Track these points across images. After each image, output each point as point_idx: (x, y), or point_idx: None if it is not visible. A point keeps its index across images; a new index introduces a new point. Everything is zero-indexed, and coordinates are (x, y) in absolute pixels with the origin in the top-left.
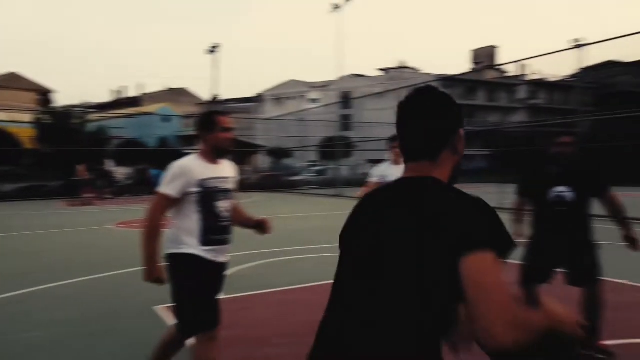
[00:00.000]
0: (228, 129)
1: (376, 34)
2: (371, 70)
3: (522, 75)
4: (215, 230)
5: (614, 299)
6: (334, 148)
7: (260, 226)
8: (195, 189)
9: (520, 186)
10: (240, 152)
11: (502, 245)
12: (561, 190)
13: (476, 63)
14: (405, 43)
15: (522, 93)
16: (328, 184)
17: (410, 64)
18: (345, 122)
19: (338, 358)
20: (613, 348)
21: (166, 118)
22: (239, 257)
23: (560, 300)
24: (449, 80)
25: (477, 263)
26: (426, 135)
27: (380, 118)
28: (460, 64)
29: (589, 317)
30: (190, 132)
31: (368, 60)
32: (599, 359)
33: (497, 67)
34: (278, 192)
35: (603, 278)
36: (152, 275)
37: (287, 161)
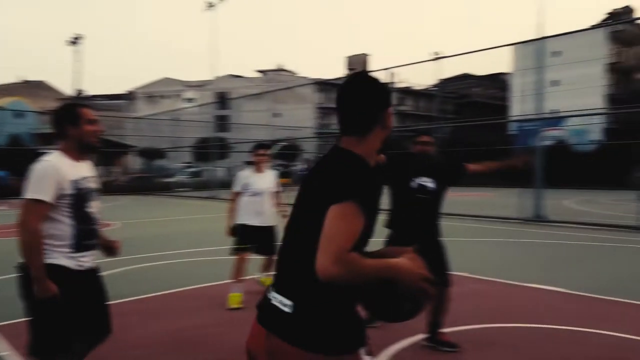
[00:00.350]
0: (93, 122)
1: (254, 35)
2: (249, 72)
3: (392, 83)
4: (87, 235)
5: (454, 290)
6: (209, 149)
7: (108, 248)
8: (67, 192)
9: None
10: (109, 152)
11: (358, 199)
12: (423, 180)
13: (350, 69)
14: (282, 46)
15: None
16: (203, 186)
17: (287, 67)
18: (222, 123)
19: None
20: (453, 335)
21: (19, 113)
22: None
23: None
24: (324, 84)
25: (332, 212)
26: (359, 115)
27: (257, 119)
28: (335, 70)
29: (435, 314)
30: (48, 129)
31: (245, 61)
32: (444, 351)
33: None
34: (149, 195)
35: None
36: (47, 292)
37: (159, 162)
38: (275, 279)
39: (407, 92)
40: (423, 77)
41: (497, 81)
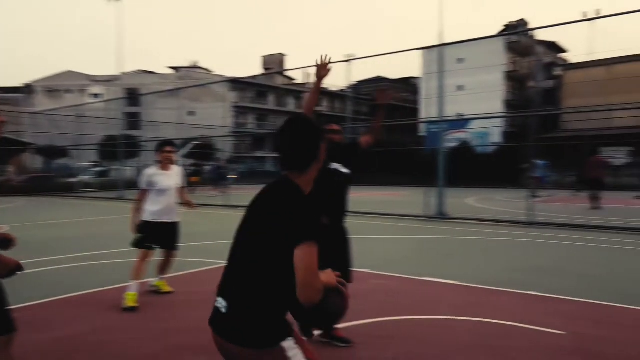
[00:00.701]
0: None
1: (166, 31)
2: (161, 68)
3: (308, 84)
4: None
5: (356, 287)
6: (117, 147)
7: (2, 242)
8: None
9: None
10: (2, 150)
11: (318, 237)
12: (335, 166)
13: (266, 68)
14: (196, 43)
15: None
16: (109, 187)
17: (202, 65)
18: (132, 120)
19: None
20: (354, 330)
21: None
22: None
23: None
24: (240, 83)
25: (301, 251)
26: (299, 156)
27: (170, 117)
28: (251, 69)
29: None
30: None
31: (157, 57)
32: (338, 347)
33: (285, 74)
34: (50, 196)
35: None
36: None
37: (61, 161)
38: (220, 286)
39: (322, 93)
40: (338, 79)
41: (409, 84)
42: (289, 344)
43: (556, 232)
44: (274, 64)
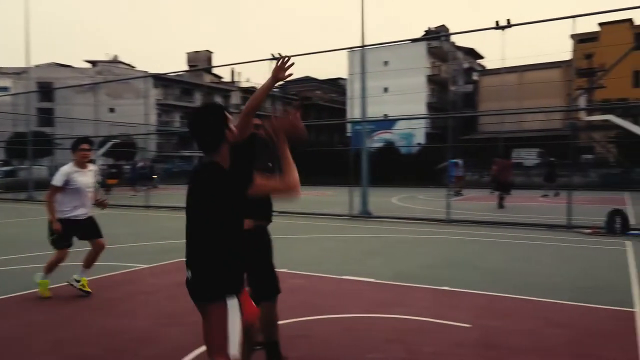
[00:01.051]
0: None
1: (83, 23)
2: (77, 62)
3: (236, 82)
4: None
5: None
6: (27, 145)
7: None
8: None
9: None
10: None
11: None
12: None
13: (191, 65)
14: (116, 37)
15: (235, 99)
16: (18, 187)
17: (123, 59)
18: (45, 116)
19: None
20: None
21: None
22: None
23: None
24: (164, 79)
25: (258, 181)
26: (211, 139)
27: (87, 114)
28: (175, 66)
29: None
30: None
31: (72, 51)
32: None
33: (212, 73)
34: None
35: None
36: None
37: None
38: (185, 259)
39: (250, 91)
40: (265, 78)
41: (337, 85)
42: (231, 301)
43: (472, 229)
44: (200, 61)
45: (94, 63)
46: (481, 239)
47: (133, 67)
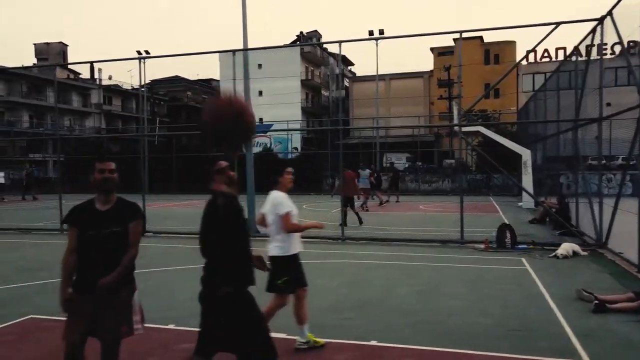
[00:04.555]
0: None
1: None
2: None
3: (96, 79)
4: None
5: None
6: None
7: None
8: None
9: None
10: None
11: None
12: None
13: (40, 59)
14: None
15: (95, 97)
16: None
17: None
18: None
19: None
20: None
21: None
22: None
23: None
24: (6, 73)
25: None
26: None
27: None
28: (21, 57)
29: None
30: None
31: None
32: None
33: (68, 68)
34: None
35: None
36: None
37: None
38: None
39: (113, 90)
40: (130, 76)
41: (209, 87)
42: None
43: (365, 248)
44: (51, 54)
45: None
46: (378, 262)
47: None
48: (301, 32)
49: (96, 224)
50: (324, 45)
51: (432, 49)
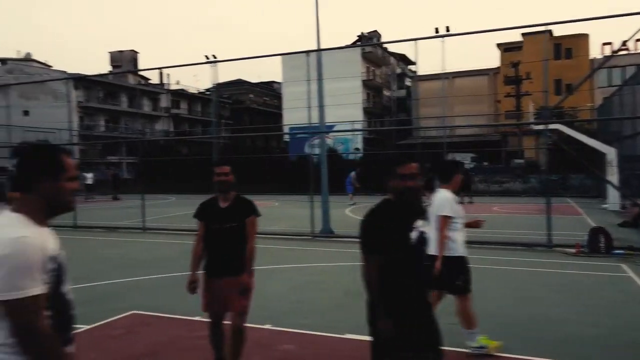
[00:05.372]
0: (75, 178)
1: None
2: None
3: (164, 84)
4: (67, 326)
5: None
6: None
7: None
8: (46, 272)
9: None
10: None
11: None
12: None
13: (114, 66)
14: (25, 34)
15: (164, 101)
16: None
17: (37, 57)
18: None
19: None
20: None
21: None
22: None
23: None
24: (86, 81)
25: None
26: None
27: None
28: (97, 65)
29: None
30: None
31: None
32: None
33: (139, 74)
34: None
35: None
36: None
37: None
38: None
39: (181, 94)
40: (196, 80)
41: (270, 89)
42: None
43: None
44: (124, 61)
45: (3, 61)
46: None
47: (49, 66)
48: (362, 33)
49: (218, 219)
50: (384, 45)
51: (498, 45)
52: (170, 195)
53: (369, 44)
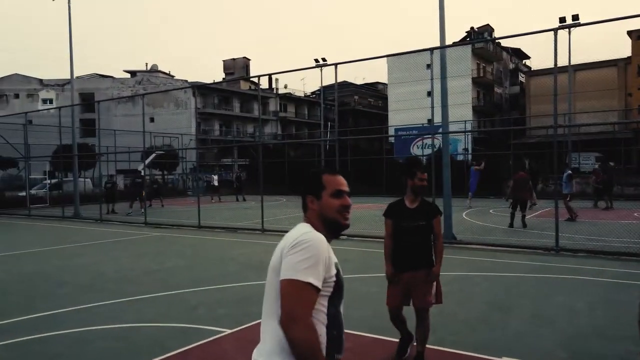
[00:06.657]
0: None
1: (117, 34)
2: (116, 72)
3: (273, 89)
4: (339, 346)
5: None
6: (71, 157)
7: None
8: (331, 280)
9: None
10: None
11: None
12: None
13: (227, 73)
14: (150, 46)
15: (273, 105)
16: (64, 200)
17: (161, 69)
18: (88, 128)
19: None
20: None
21: None
22: None
23: None
24: (203, 88)
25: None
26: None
27: (128, 123)
28: (212, 73)
29: None
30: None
31: (108, 61)
32: None
33: (250, 80)
34: None
35: None
36: None
37: (9, 172)
38: None
39: (288, 98)
40: (302, 84)
41: (375, 90)
42: None
43: (581, 261)
44: (237, 68)
45: (133, 73)
46: (616, 281)
47: (172, 76)
48: (472, 28)
49: (407, 218)
50: (497, 40)
51: (629, 33)
52: (281, 197)
53: (503, 37)
